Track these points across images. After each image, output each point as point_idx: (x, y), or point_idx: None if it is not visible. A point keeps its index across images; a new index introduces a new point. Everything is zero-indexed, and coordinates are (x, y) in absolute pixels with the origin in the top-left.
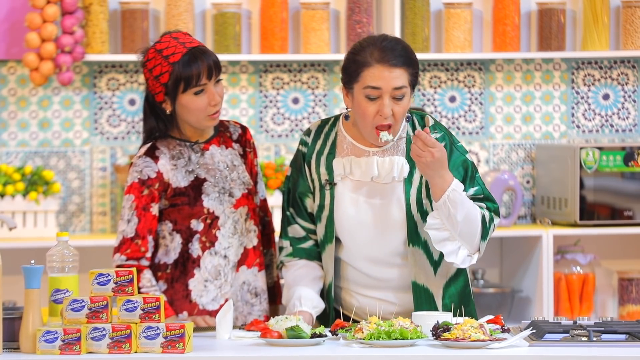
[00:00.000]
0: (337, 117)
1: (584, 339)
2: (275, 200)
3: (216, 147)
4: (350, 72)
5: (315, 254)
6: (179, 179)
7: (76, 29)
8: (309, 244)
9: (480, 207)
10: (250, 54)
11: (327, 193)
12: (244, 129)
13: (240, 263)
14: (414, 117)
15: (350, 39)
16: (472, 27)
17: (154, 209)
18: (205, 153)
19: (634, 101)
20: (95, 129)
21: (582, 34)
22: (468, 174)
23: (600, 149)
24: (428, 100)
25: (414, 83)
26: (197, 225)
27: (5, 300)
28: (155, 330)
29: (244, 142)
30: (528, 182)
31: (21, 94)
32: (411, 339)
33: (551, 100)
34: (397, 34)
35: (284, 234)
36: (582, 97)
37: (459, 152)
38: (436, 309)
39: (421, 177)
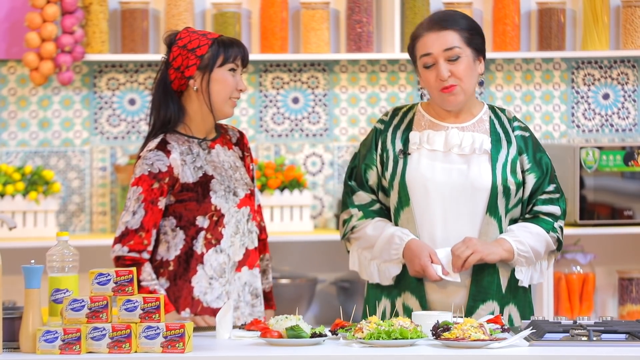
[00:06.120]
0: (415, 104)
1: (584, 338)
2: (275, 200)
3: (220, 147)
4: (410, 50)
5: (385, 216)
6: (187, 175)
7: (76, 29)
8: (377, 206)
9: (546, 222)
10: (250, 54)
11: (401, 161)
12: (241, 134)
13: (242, 263)
14: (495, 107)
15: (350, 38)
16: None
17: (161, 204)
18: (212, 151)
19: (634, 101)
20: (95, 128)
21: (582, 34)
22: (548, 172)
23: (600, 148)
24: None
25: (474, 46)
26: (203, 222)
27: (5, 300)
28: (155, 330)
29: (242, 147)
30: None
31: (21, 93)
32: (411, 338)
33: (551, 99)
34: (397, 33)
35: (349, 203)
36: (582, 97)
37: (541, 148)
38: (499, 286)
39: (507, 155)
